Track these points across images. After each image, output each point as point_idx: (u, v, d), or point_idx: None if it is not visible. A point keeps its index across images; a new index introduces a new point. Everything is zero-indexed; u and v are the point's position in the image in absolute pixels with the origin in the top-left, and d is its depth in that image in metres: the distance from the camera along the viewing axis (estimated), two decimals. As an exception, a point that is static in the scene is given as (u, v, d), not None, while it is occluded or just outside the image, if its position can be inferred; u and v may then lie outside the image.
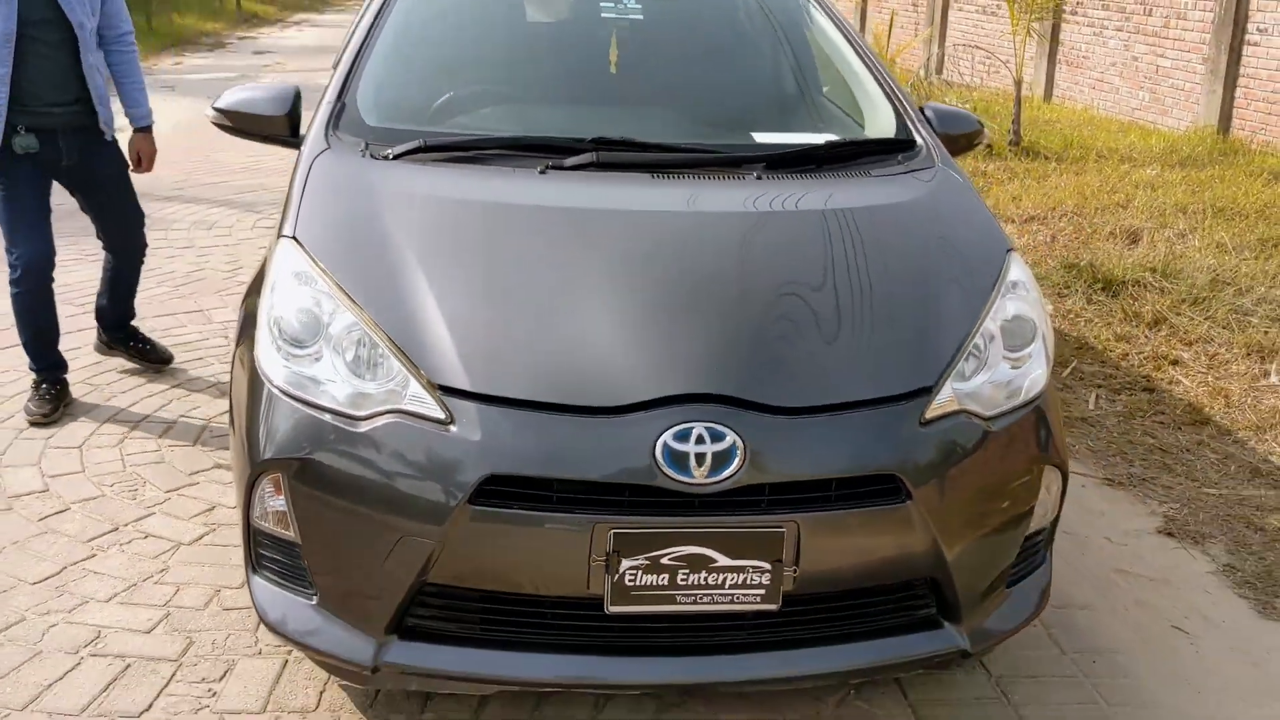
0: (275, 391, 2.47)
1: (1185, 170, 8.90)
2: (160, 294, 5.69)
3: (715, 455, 2.28)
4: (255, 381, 2.52)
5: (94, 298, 4.67)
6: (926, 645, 2.54)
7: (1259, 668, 3.02)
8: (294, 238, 2.70)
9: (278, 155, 9.05)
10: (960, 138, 3.59)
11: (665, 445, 2.28)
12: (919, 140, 3.33)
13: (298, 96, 3.37)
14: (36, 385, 4.27)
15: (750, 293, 2.61)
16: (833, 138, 3.35)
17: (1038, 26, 13.37)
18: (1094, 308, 5.75)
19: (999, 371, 2.64)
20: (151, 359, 4.68)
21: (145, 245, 4.56)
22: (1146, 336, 5.37)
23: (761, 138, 3.34)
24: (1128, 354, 5.20)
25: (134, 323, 4.74)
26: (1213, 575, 3.47)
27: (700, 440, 2.29)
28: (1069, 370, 5.02)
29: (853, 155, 3.24)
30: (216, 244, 6.69)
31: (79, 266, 5.88)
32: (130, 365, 4.68)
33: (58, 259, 4.26)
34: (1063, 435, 2.75)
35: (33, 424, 4.13)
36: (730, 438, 2.30)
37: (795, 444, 2.37)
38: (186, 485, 3.75)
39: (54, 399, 4.23)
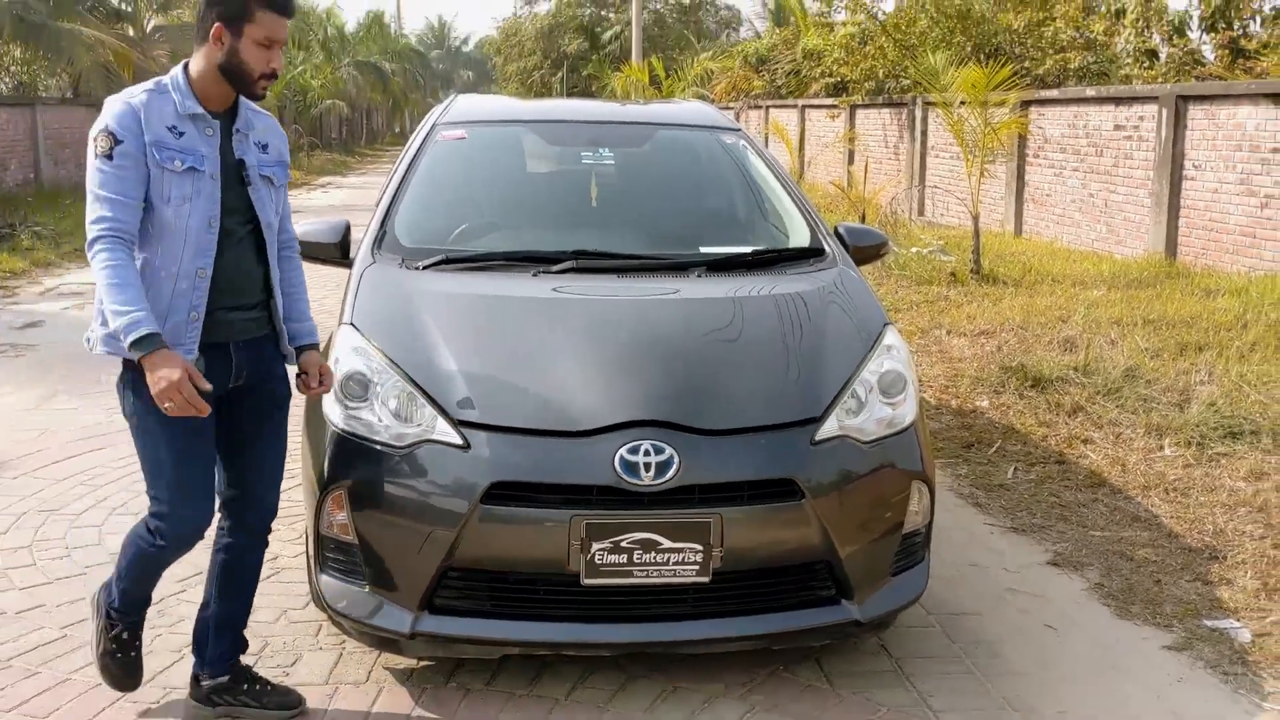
0: (338, 432, 3.38)
1: (1129, 291, 9.85)
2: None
3: (658, 464, 3.17)
4: (323, 426, 3.44)
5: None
6: (827, 616, 3.38)
7: (1106, 650, 3.82)
8: (351, 323, 3.65)
9: (318, 298, 10.12)
10: (869, 248, 4.57)
11: (621, 457, 3.17)
12: (827, 249, 4.29)
13: (348, 228, 4.37)
14: (112, 632, 3.27)
15: (685, 350, 3.54)
16: (759, 248, 4.32)
17: (1004, 170, 14.61)
18: (1024, 401, 6.64)
19: (877, 411, 3.53)
20: (273, 703, 3.33)
21: (274, 515, 3.35)
22: (1065, 422, 6.24)
23: (706, 249, 4.32)
24: (1047, 436, 6.07)
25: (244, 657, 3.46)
26: (1085, 591, 4.28)
27: (647, 454, 3.18)
28: (993, 449, 5.89)
29: (774, 261, 4.22)
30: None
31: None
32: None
33: None
34: (931, 459, 3.63)
35: (118, 688, 3.34)
36: (669, 451, 3.19)
37: (717, 456, 3.26)
38: (253, 543, 4.62)
39: (136, 657, 3.32)
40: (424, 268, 4.00)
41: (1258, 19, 14.91)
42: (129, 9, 27.84)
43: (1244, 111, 10.49)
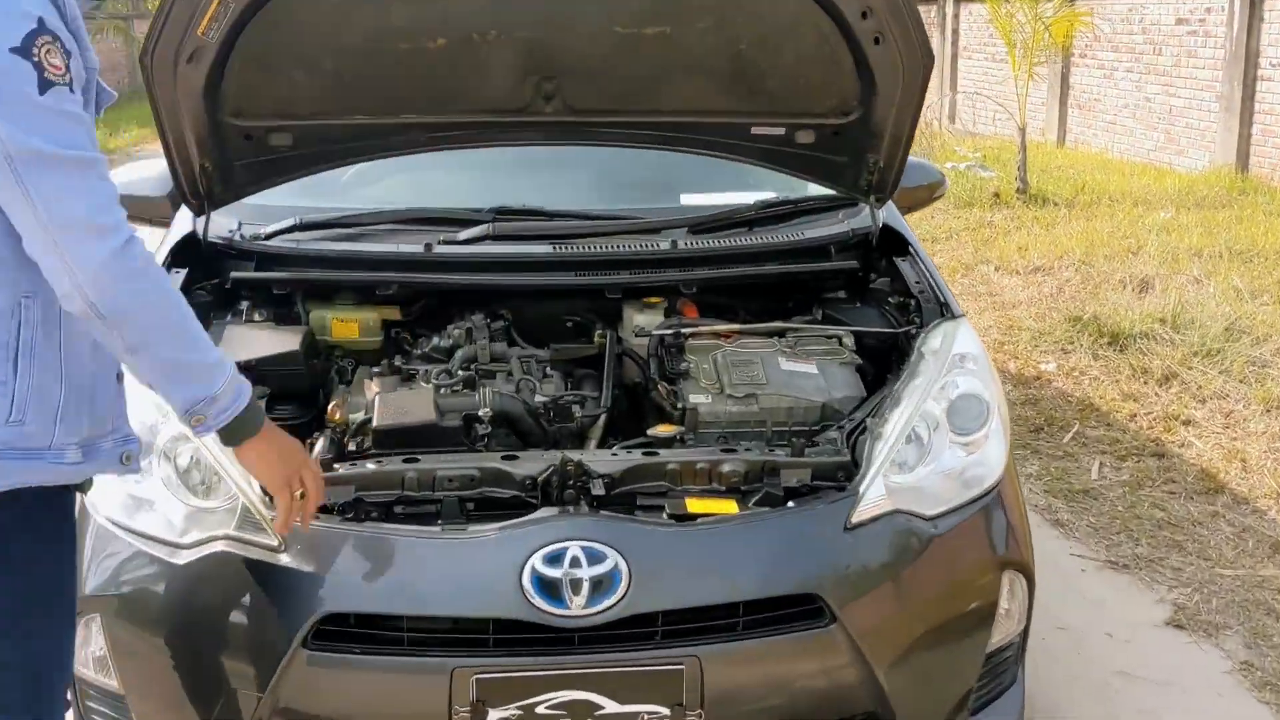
0: (99, 522, 2.14)
1: (1202, 212, 8.49)
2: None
3: (594, 580, 1.92)
4: (84, 515, 2.19)
5: None
6: (874, 796, 2.14)
7: (1280, 791, 2.59)
8: None
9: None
10: (919, 190, 3.28)
11: (534, 570, 1.92)
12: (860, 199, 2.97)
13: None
14: None
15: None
16: (764, 198, 2.99)
17: (1046, 71, 13.05)
18: (1100, 364, 5.34)
19: (947, 459, 2.27)
20: None
21: None
22: (1156, 394, 4.95)
23: (688, 199, 3.04)
24: (1136, 414, 4.79)
25: None
26: (1228, 675, 3.04)
27: (576, 563, 1.93)
28: (1070, 435, 4.60)
29: (786, 216, 2.92)
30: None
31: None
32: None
33: None
34: (1027, 530, 2.37)
35: None
36: (611, 559, 1.94)
37: (690, 560, 2.00)
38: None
39: None
40: (266, 237, 2.72)
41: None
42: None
43: (1338, -2, 8.99)
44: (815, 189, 3.03)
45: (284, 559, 1.97)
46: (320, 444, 2.26)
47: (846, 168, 2.74)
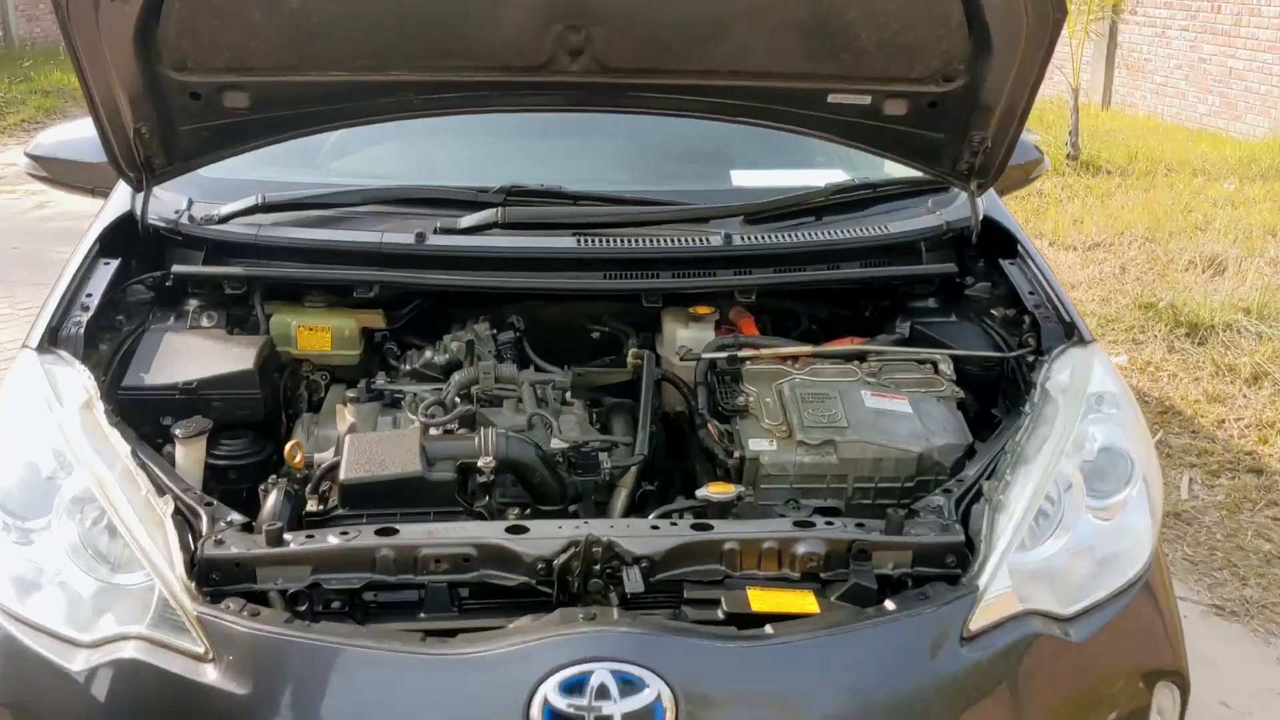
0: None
1: (1268, 184, 7.90)
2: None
3: (628, 717, 1.42)
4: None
5: None
6: None
7: None
8: (44, 347, 1.87)
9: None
10: (1014, 171, 2.72)
11: (546, 702, 1.42)
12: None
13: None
14: None
15: None
16: (838, 182, 2.44)
17: (1094, 26, 12.38)
18: (1177, 358, 4.80)
19: (1082, 531, 1.75)
20: None
21: None
22: (1245, 396, 4.41)
23: (741, 180, 2.49)
24: (1224, 420, 4.25)
25: None
26: (1375, 763, 2.54)
27: (603, 693, 1.42)
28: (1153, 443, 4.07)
29: (865, 203, 2.38)
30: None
31: None
32: None
33: None
34: (1179, 624, 1.85)
35: None
36: (652, 687, 1.43)
37: (757, 687, 1.49)
38: None
39: None
40: (220, 220, 2.20)
41: None
42: None
43: None
44: (895, 169, 2.49)
45: (211, 674, 1.47)
46: (271, 500, 1.74)
47: (944, 146, 2.19)
